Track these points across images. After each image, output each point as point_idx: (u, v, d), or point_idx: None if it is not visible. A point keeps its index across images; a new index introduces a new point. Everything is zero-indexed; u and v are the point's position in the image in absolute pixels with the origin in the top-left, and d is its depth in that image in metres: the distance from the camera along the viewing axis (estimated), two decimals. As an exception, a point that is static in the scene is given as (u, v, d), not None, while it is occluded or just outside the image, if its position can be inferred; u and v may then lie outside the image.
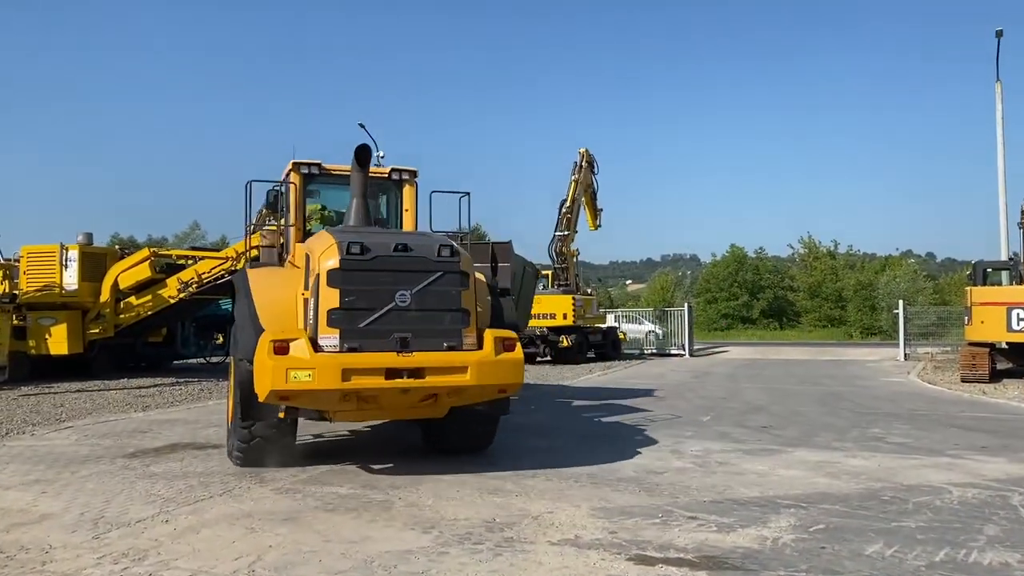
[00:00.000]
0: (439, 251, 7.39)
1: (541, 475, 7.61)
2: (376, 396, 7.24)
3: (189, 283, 17.10)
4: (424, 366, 7.06)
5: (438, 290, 7.31)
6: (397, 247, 7.33)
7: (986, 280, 20.23)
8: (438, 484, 7.18)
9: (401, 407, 7.72)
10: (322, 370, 6.76)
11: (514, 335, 7.64)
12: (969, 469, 7.94)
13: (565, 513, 6.17)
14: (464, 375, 7.16)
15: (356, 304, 7.08)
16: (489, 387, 7.41)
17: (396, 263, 7.27)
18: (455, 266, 7.39)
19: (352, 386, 6.89)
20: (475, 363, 7.19)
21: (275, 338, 6.91)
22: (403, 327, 7.14)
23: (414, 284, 7.22)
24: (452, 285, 7.37)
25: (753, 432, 10.49)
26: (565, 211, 26.26)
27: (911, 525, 5.78)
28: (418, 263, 7.31)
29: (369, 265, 7.19)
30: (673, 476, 7.59)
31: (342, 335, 6.99)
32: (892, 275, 47.38)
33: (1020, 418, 11.88)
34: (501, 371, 7.33)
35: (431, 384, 7.15)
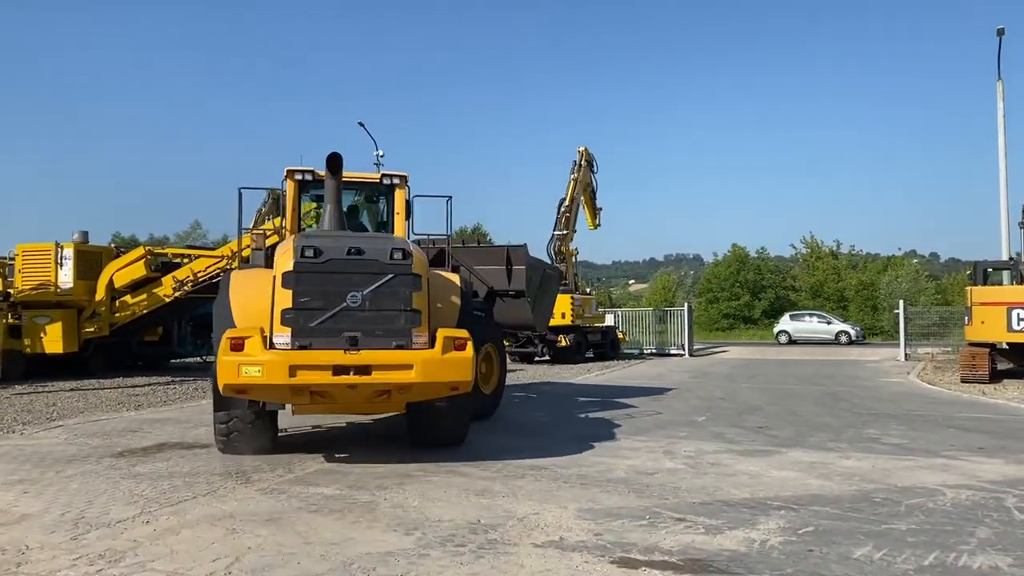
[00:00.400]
0: (391, 254, 7.73)
1: (531, 476, 7.53)
2: (326, 391, 7.57)
3: (184, 282, 17.04)
4: (371, 364, 7.38)
5: (389, 291, 7.65)
6: (350, 250, 7.71)
7: (987, 280, 20.11)
8: (425, 484, 7.11)
9: (354, 402, 8.02)
10: (270, 366, 7.17)
11: (465, 334, 7.86)
12: (964, 470, 7.84)
13: (551, 514, 6.08)
14: (410, 372, 7.44)
15: (309, 304, 7.49)
16: (437, 384, 7.66)
17: (349, 266, 7.65)
18: (407, 268, 7.72)
19: (298, 381, 7.26)
20: (421, 361, 7.47)
21: (232, 335, 7.35)
22: (354, 326, 7.51)
23: (366, 286, 7.60)
24: (403, 287, 7.68)
25: (748, 432, 10.40)
26: (564, 210, 26.18)
27: (902, 528, 5.68)
28: (370, 266, 7.68)
29: (322, 268, 7.59)
30: (664, 477, 7.51)
31: (293, 333, 7.41)
32: (894, 275, 47.23)
33: (1019, 419, 11.77)
34: (448, 369, 7.58)
35: (378, 381, 7.45)
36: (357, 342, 7.45)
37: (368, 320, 7.57)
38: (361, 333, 7.51)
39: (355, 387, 7.50)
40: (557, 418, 11.56)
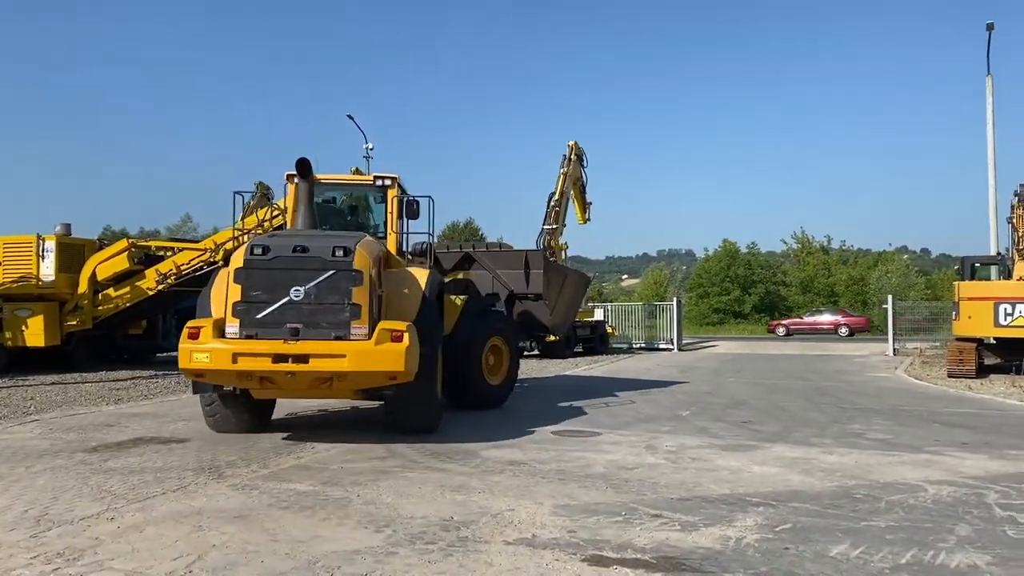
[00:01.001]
0: (334, 251, 8.33)
1: (509, 471, 7.43)
2: (271, 377, 8.26)
3: (168, 275, 16.84)
4: (308, 353, 8.02)
5: (330, 286, 8.27)
6: (296, 248, 8.38)
7: (974, 275, 20.10)
8: (401, 480, 6.99)
9: (299, 388, 8.63)
10: (216, 353, 7.97)
11: (402, 326, 8.26)
12: (947, 466, 7.77)
13: (526, 511, 5.97)
14: (343, 361, 8.03)
15: (257, 298, 8.22)
16: (373, 373, 8.22)
17: (293, 262, 8.31)
18: (347, 265, 8.31)
19: (241, 368, 8.01)
20: (354, 351, 8.04)
21: (191, 325, 8.21)
22: (297, 318, 8.18)
23: (308, 281, 8.24)
24: (344, 282, 8.28)
25: (732, 427, 10.32)
26: (553, 204, 25.99)
27: (881, 525, 5.59)
28: (313, 262, 8.32)
29: (269, 264, 8.28)
30: (643, 472, 7.41)
31: (241, 324, 8.17)
32: (884, 270, 47.29)
33: (1004, 414, 11.72)
34: (380, 358, 8.06)
35: (315, 369, 8.08)
36: (299, 333, 8.12)
37: (310, 313, 8.21)
38: (303, 325, 8.16)
39: (294, 374, 8.13)
40: (541, 412, 11.46)
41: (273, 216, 16.06)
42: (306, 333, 8.13)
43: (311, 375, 8.19)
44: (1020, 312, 16.91)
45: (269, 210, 16.08)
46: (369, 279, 8.42)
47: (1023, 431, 10.02)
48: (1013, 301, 16.94)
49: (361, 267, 8.35)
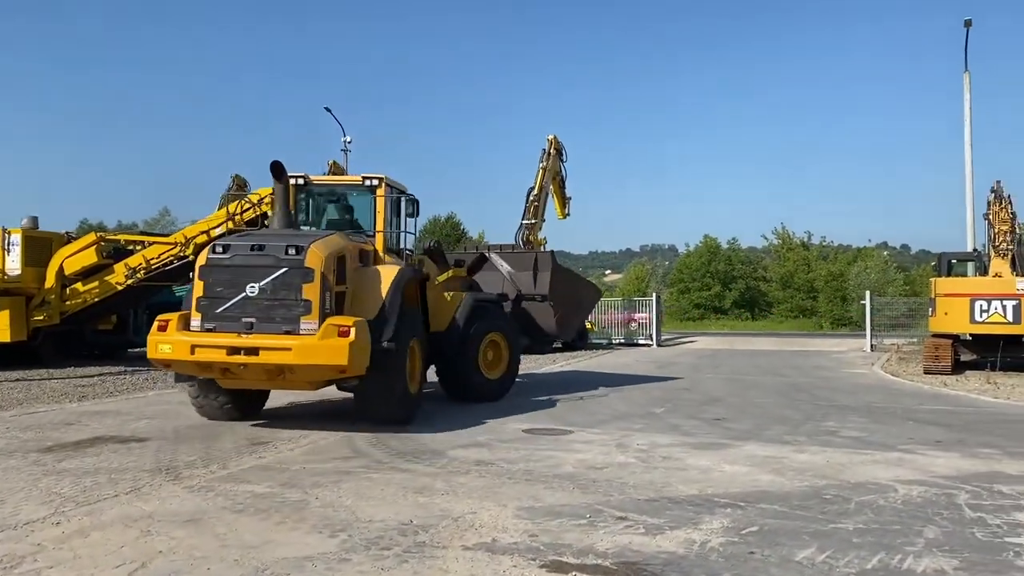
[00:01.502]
0: (286, 250, 8.80)
1: (476, 471, 7.27)
2: (228, 368, 8.77)
3: (137, 269, 16.52)
4: (259, 346, 8.55)
5: (282, 283, 8.75)
6: (253, 247, 8.95)
7: (951, 271, 20.13)
8: (364, 482, 6.82)
9: (256, 379, 9.10)
10: (176, 345, 8.70)
11: (349, 322, 8.63)
12: (919, 465, 7.69)
13: (489, 513, 5.82)
14: (289, 354, 8.50)
15: (218, 293, 8.81)
16: (319, 366, 8.62)
17: (250, 260, 8.86)
18: (299, 263, 8.75)
19: (198, 358, 8.68)
20: (298, 345, 8.51)
21: (161, 318, 8.95)
22: (252, 313, 8.72)
23: (263, 278, 8.76)
24: (295, 279, 8.73)
25: (705, 425, 10.21)
26: (532, 199, 25.75)
27: (849, 527, 5.48)
28: (268, 260, 8.82)
29: (228, 262, 8.89)
30: (612, 472, 7.27)
31: (203, 318, 8.80)
32: (863, 266, 47.43)
33: (978, 411, 11.70)
34: (325, 353, 8.49)
35: (264, 361, 8.58)
36: (253, 327, 8.67)
37: (264, 308, 8.74)
38: (257, 319, 8.71)
39: (247, 366, 8.65)
40: (515, 410, 11.29)
41: (244, 210, 15.87)
42: (260, 327, 8.68)
43: (262, 367, 8.68)
44: (995, 308, 16.96)
45: (239, 203, 15.87)
46: (320, 277, 8.77)
47: (996, 428, 9.98)
48: (988, 297, 16.99)
49: (312, 265, 8.75)
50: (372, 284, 9.65)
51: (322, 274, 8.81)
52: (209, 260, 8.94)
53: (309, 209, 11.57)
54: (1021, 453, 8.31)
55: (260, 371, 8.80)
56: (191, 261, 16.54)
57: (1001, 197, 18.83)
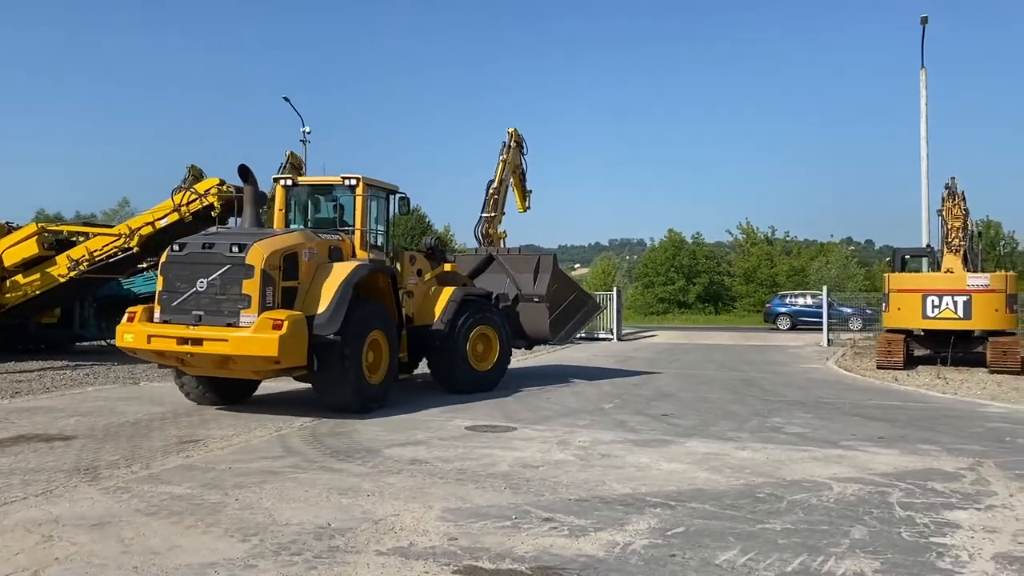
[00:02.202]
0: (231, 248, 9.47)
1: (408, 471, 7.09)
2: (182, 357, 9.49)
3: (80, 261, 16.01)
4: (202, 337, 9.24)
5: (226, 279, 9.41)
6: (204, 245, 9.67)
7: (905, 267, 20.29)
8: (289, 482, 6.61)
9: (208, 366, 9.75)
10: (137, 334, 9.61)
11: (282, 316, 9.16)
12: (858, 462, 7.64)
13: (412, 515, 5.65)
14: (226, 345, 9.11)
15: (175, 288, 9.61)
16: (254, 357, 9.14)
17: (200, 257, 9.58)
18: (241, 260, 9.36)
19: (154, 347, 9.53)
20: (233, 337, 9.11)
21: (130, 309, 9.96)
22: (201, 307, 9.44)
23: (210, 274, 9.45)
24: (237, 275, 9.36)
25: (651, 421, 10.12)
26: (492, 192, 25.57)
27: (776, 527, 5.39)
28: (215, 258, 9.51)
29: (183, 259, 9.67)
30: (548, 471, 7.13)
31: (161, 311, 9.67)
32: (824, 261, 47.90)
33: (925, 406, 11.74)
34: (256, 344, 9.03)
35: (207, 351, 9.22)
36: (201, 319, 9.37)
37: (212, 302, 9.42)
38: (205, 312, 9.40)
39: (194, 355, 9.34)
40: (461, 406, 11.12)
41: (190, 201, 15.52)
42: (207, 320, 9.36)
43: (208, 357, 9.34)
44: (947, 304, 17.08)
45: (185, 194, 15.51)
46: (261, 273, 9.30)
47: (939, 424, 10.00)
48: (940, 293, 17.11)
49: (252, 262, 9.32)
50: (325, 280, 10.03)
51: (262, 271, 9.33)
52: (168, 257, 9.81)
53: (298, 208, 11.99)
54: (960, 449, 8.31)
55: (207, 360, 9.46)
56: (136, 253, 16.17)
57: (954, 194, 18.98)
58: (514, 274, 14.42)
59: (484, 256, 15.34)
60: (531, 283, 14.21)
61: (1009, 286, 17.10)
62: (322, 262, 10.29)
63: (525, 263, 14.56)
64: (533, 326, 14.19)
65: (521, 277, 14.38)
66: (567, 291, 14.83)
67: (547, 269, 14.18)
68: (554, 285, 14.21)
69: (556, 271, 14.59)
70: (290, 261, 9.78)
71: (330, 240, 10.77)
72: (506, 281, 14.39)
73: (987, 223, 53.92)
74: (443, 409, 10.84)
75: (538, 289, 14.03)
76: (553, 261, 14.56)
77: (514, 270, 14.48)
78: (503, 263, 14.61)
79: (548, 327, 14.08)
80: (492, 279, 14.49)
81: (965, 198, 18.95)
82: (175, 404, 10.98)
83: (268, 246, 9.54)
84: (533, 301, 14.05)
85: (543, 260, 14.44)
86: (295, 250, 9.92)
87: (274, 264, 9.47)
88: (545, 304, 13.94)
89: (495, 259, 14.90)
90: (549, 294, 14.00)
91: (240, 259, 9.33)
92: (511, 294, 14.18)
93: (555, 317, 14.13)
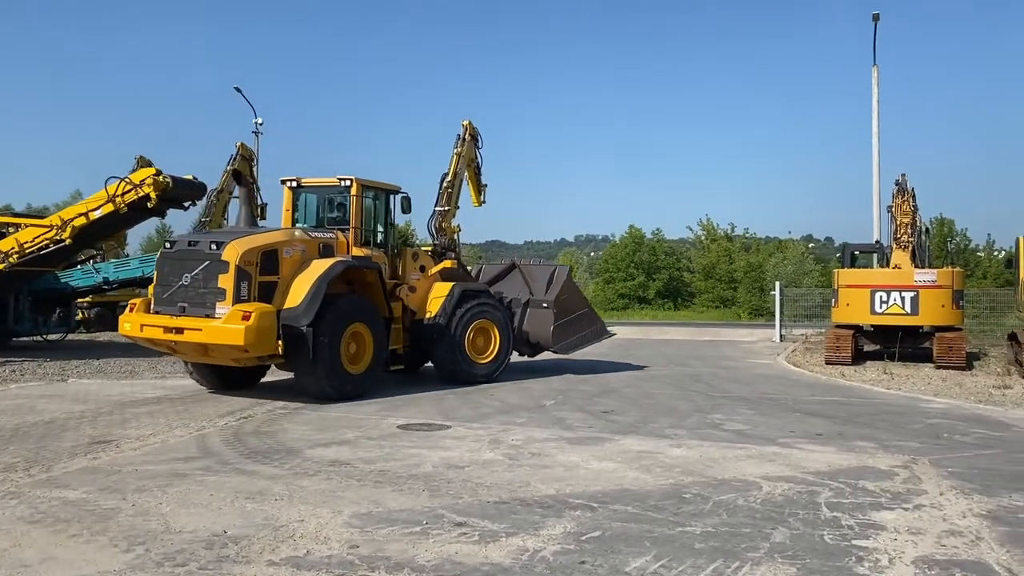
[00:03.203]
0: (210, 246, 10.29)
1: (325, 473, 6.78)
2: (171, 345, 10.41)
3: (9, 253, 15.37)
4: (183, 327, 10.11)
5: (206, 274, 10.17)
6: (190, 243, 10.70)
7: (854, 263, 20.36)
8: (195, 486, 6.26)
9: (192, 353, 10.72)
10: (132, 323, 10.64)
11: (251, 308, 9.85)
12: (792, 460, 7.49)
13: (318, 521, 5.35)
14: (201, 334, 9.93)
15: (167, 282, 10.50)
16: (224, 346, 9.88)
17: (187, 254, 10.47)
18: (217, 257, 10.12)
19: (145, 335, 10.53)
20: (207, 327, 9.92)
21: (133, 301, 11.17)
22: (184, 299, 10.28)
23: (193, 269, 10.26)
24: (214, 270, 10.10)
25: (591, 418, 9.91)
26: (446, 185, 25.01)
27: (696, 531, 5.18)
28: (197, 255, 10.33)
29: (173, 256, 10.62)
30: (473, 471, 6.87)
31: (155, 302, 10.61)
32: (781, 257, 48.25)
33: (867, 402, 11.69)
34: (225, 333, 9.75)
35: (187, 339, 10.09)
36: (184, 310, 10.21)
37: (195, 295, 10.22)
38: (188, 304, 10.22)
39: (178, 343, 10.24)
40: (403, 403, 10.81)
41: (125, 191, 14.99)
42: (190, 311, 10.19)
43: (189, 344, 10.20)
44: (895, 300, 17.13)
45: (120, 184, 14.96)
46: (235, 269, 10.02)
47: (879, 420, 9.92)
48: (888, 289, 17.15)
49: (228, 259, 10.07)
50: (303, 275, 10.70)
51: (237, 266, 10.07)
52: (162, 253, 10.90)
53: (305, 209, 12.71)
54: (896, 447, 8.21)
55: (190, 348, 10.37)
56: (68, 246, 15.56)
57: (904, 190, 19.04)
58: (530, 281, 15.29)
59: (507, 264, 16.33)
60: (543, 291, 14.97)
61: (956, 282, 17.20)
62: (309, 258, 11.02)
63: (542, 272, 15.48)
64: (537, 331, 14.78)
65: (536, 285, 15.19)
66: (576, 305, 15.50)
67: (559, 279, 14.98)
68: (563, 295, 14.85)
69: (568, 283, 15.28)
70: (269, 257, 10.53)
71: (322, 238, 11.57)
72: (523, 288, 15.26)
73: (940, 220, 54.87)
74: (382, 406, 10.54)
75: (548, 296, 14.70)
76: (567, 273, 15.38)
77: (531, 278, 15.38)
78: (522, 271, 15.59)
79: (551, 333, 14.59)
80: (514, 287, 15.38)
81: (915, 195, 19.02)
82: (99, 402, 10.59)
83: (244, 244, 10.30)
84: (542, 307, 14.70)
85: (558, 271, 15.36)
86: (275, 247, 10.68)
87: (250, 260, 10.23)
88: (551, 311, 14.51)
89: (516, 267, 15.86)
90: (557, 302, 14.58)
91: (217, 256, 10.12)
92: (523, 299, 14.95)
93: (559, 325, 14.67)
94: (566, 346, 15.13)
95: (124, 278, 18.34)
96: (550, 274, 15.24)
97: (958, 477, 6.84)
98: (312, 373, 10.58)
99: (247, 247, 10.25)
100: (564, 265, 16.25)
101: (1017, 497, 6.14)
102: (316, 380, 10.65)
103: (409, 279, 13.08)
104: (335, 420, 9.43)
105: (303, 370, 10.64)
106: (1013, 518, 5.58)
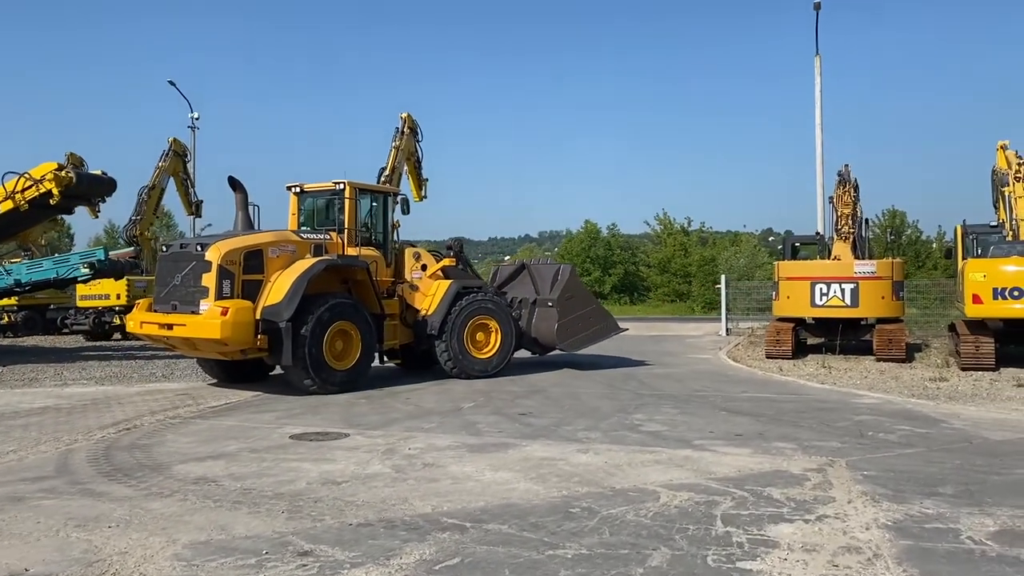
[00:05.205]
0: (196, 248, 11.16)
1: (182, 493, 6.13)
2: (166, 340, 11.38)
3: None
4: (172, 323, 11.02)
5: (192, 274, 10.98)
6: (181, 246, 11.70)
7: (796, 255, 20.09)
8: (26, 512, 5.60)
9: (183, 347, 11.58)
10: (135, 320, 11.69)
11: (230, 304, 10.54)
12: (702, 465, 7.00)
13: (144, 552, 4.71)
14: (186, 329, 10.78)
15: (164, 282, 11.38)
16: (205, 340, 10.68)
17: (177, 256, 11.41)
18: (202, 258, 10.89)
19: (144, 331, 11.50)
20: (190, 322, 10.72)
21: (138, 300, 12.30)
22: (176, 298, 11.15)
23: (182, 270, 11.09)
24: (199, 271, 10.89)
25: (504, 421, 9.36)
26: (384, 179, 24.56)
27: (568, 554, 4.63)
28: (186, 256, 11.21)
29: (168, 257, 11.62)
30: (349, 488, 6.26)
31: (154, 301, 11.53)
32: (734, 251, 48.25)
33: (798, 398, 11.29)
34: (205, 327, 10.54)
35: (176, 334, 10.99)
36: (176, 308, 11.08)
37: (183, 294, 11.03)
38: (179, 302, 11.09)
39: (170, 337, 11.18)
40: (310, 409, 10.16)
41: (25, 188, 14.18)
42: (180, 308, 11.04)
43: (179, 339, 11.07)
44: (835, 292, 16.82)
45: (20, 180, 14.13)
46: (218, 268, 10.71)
47: (806, 418, 9.50)
48: (828, 281, 16.83)
49: (210, 259, 10.80)
50: (285, 274, 11.22)
51: (219, 266, 10.77)
52: (159, 257, 12.11)
53: (309, 212, 13.44)
54: (816, 447, 7.77)
55: (181, 342, 11.22)
56: None
57: (846, 181, 18.76)
58: (537, 281, 15.54)
59: (517, 265, 16.78)
60: (549, 290, 15.21)
61: (896, 273, 16.97)
62: (298, 259, 11.59)
63: (548, 272, 15.76)
64: (543, 329, 14.87)
65: (542, 284, 15.45)
66: (582, 303, 15.56)
67: (564, 278, 15.16)
68: (568, 294, 15.01)
69: (573, 282, 15.44)
70: (253, 258, 11.20)
71: (314, 239, 12.19)
72: (532, 288, 15.48)
73: (892, 212, 55.37)
74: (284, 413, 9.90)
75: (552, 294, 14.91)
76: (571, 272, 15.55)
77: (538, 277, 15.63)
78: (530, 271, 15.90)
79: (555, 330, 14.58)
80: (524, 288, 15.64)
81: (857, 186, 18.76)
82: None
83: (226, 245, 11.04)
84: (547, 305, 14.88)
85: (562, 270, 15.57)
86: (260, 248, 11.34)
87: (232, 260, 10.91)
88: (556, 309, 14.60)
89: (525, 267, 16.21)
90: (561, 300, 14.75)
91: (201, 256, 10.89)
92: (531, 299, 15.19)
93: (564, 323, 14.69)
94: (572, 343, 15.08)
95: (37, 280, 17.39)
96: (555, 273, 15.49)
97: (872, 481, 6.39)
98: (295, 368, 11.04)
99: (229, 248, 10.98)
100: (569, 264, 16.38)
101: (928, 504, 5.69)
102: (299, 374, 11.13)
103: (411, 278, 13.57)
104: (226, 430, 8.77)
105: (286, 365, 11.08)
106: (919, 529, 5.12)
